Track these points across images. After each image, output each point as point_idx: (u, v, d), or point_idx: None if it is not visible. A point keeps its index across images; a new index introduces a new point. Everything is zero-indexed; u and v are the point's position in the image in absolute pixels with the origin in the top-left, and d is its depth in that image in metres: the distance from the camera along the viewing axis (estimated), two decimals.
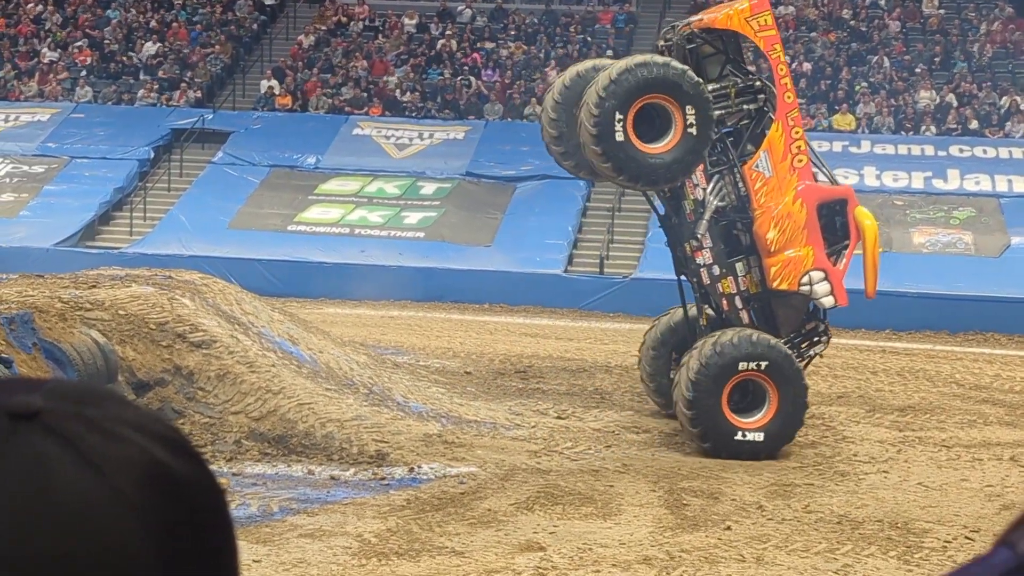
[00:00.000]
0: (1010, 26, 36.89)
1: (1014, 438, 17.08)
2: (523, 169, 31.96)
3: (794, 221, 16.09)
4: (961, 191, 30.54)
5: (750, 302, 16.45)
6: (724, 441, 15.41)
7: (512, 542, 12.05)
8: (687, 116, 15.50)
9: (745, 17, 16.43)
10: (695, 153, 15.72)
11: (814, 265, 16.11)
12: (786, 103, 16.53)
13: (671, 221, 17.01)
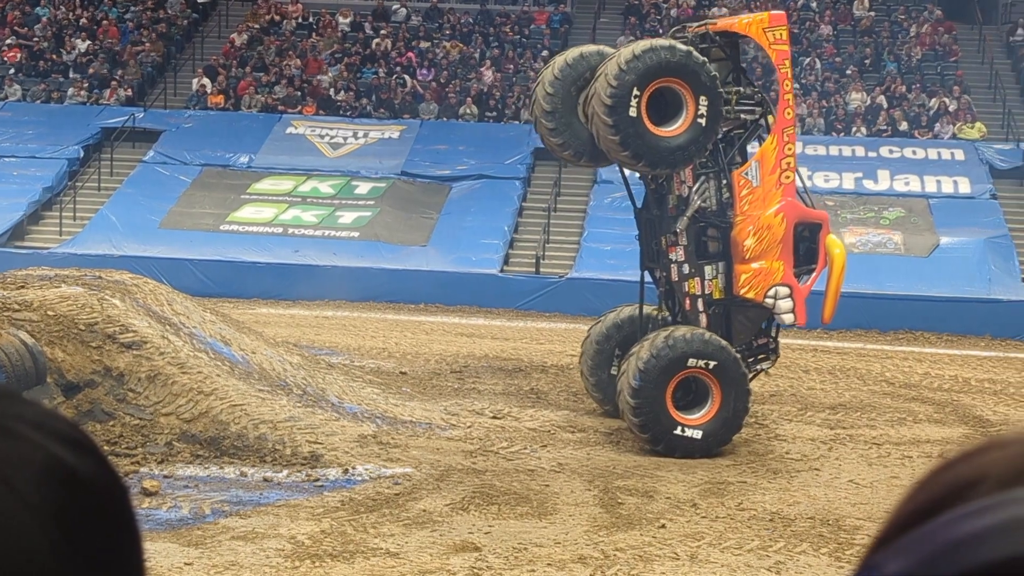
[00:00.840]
0: (939, 28, 37.34)
1: (943, 435, 17.28)
2: (459, 169, 31.94)
3: (772, 234, 16.43)
4: (891, 192, 30.86)
5: (711, 306, 16.69)
6: (663, 434, 15.52)
7: (447, 542, 12.03)
8: (700, 106, 15.73)
9: (763, 27, 16.85)
10: (700, 144, 15.95)
11: (782, 280, 16.44)
12: (785, 118, 16.90)
13: (651, 213, 17.17)
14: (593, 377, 17.82)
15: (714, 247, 16.82)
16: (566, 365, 21.28)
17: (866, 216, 29.80)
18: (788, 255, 16.51)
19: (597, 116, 15.70)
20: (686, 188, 16.72)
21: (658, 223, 17.01)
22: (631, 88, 15.50)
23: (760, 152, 16.81)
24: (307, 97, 35.36)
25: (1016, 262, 28.22)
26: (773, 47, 16.93)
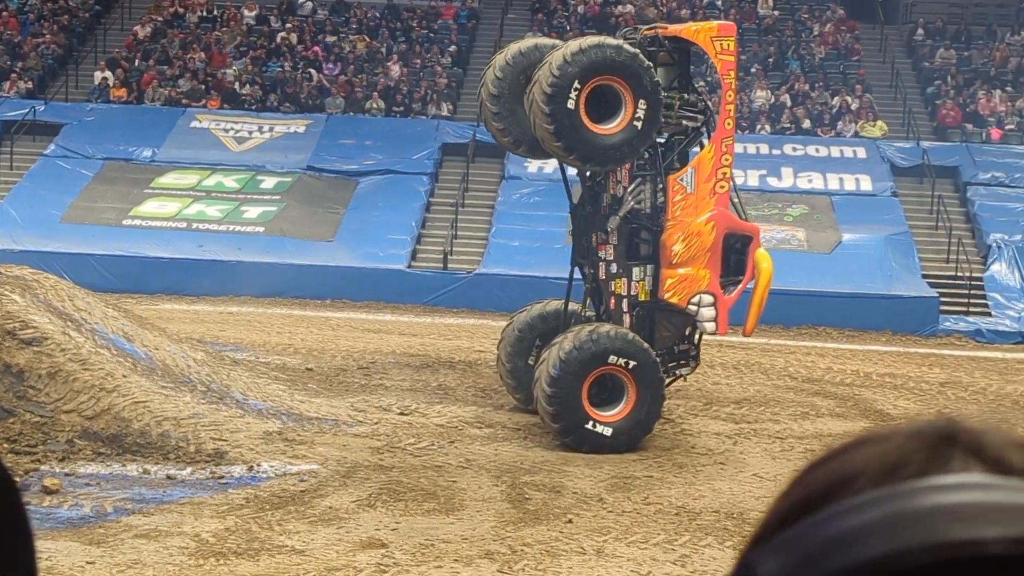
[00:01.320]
0: (841, 27, 37.85)
1: (844, 429, 17.52)
2: (365, 163, 31.78)
3: (702, 241, 16.52)
4: (794, 189, 31.22)
5: (635, 308, 16.76)
6: (574, 426, 15.56)
7: (353, 539, 11.96)
8: (638, 109, 15.74)
9: (711, 36, 16.96)
10: (633, 147, 15.99)
11: (707, 288, 16.53)
12: (725, 129, 16.94)
13: (585, 210, 17.24)
14: (510, 363, 17.80)
15: (645, 250, 16.92)
16: (474, 361, 21.28)
17: (770, 213, 30.12)
18: (715, 264, 16.60)
19: (536, 104, 15.68)
20: (621, 188, 16.77)
21: (591, 220, 17.08)
22: (572, 80, 15.51)
23: (697, 159, 16.88)
24: (212, 91, 34.99)
25: (916, 258, 28.69)
26: (719, 56, 16.98)
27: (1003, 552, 0.81)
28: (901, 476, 0.87)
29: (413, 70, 35.82)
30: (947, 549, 0.81)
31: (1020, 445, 0.90)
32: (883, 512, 0.84)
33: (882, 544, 0.82)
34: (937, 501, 0.83)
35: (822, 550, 0.84)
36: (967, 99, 34.84)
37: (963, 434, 0.91)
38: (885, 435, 0.93)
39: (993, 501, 0.83)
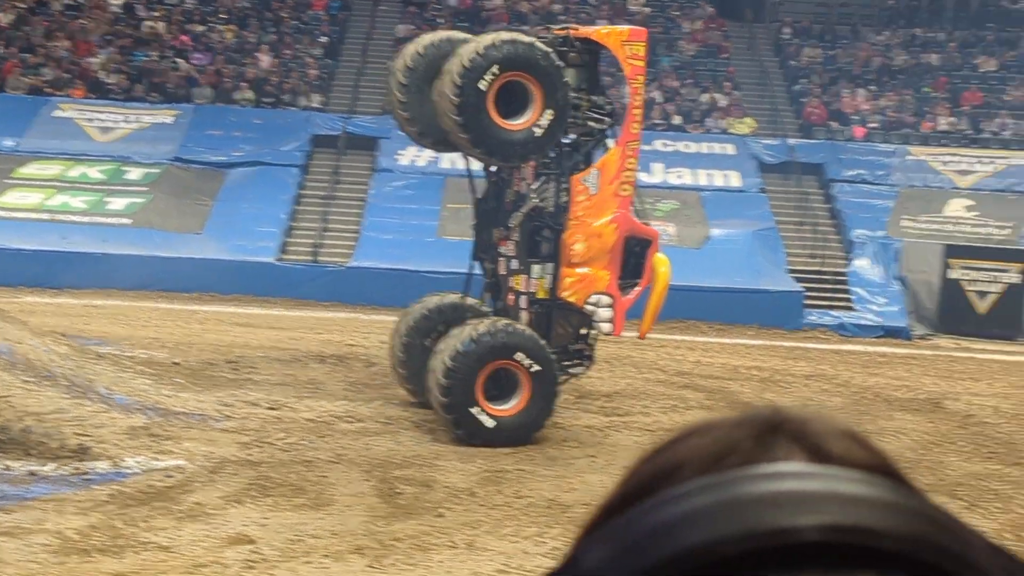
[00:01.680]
0: (711, 25, 38.32)
1: None
2: (234, 155, 31.38)
3: (602, 242, 16.62)
4: (665, 184, 31.52)
5: (533, 305, 16.82)
6: (467, 418, 15.57)
7: (221, 535, 11.78)
8: (545, 112, 15.75)
9: (622, 40, 16.96)
10: (538, 145, 15.95)
11: (605, 289, 16.66)
12: (631, 132, 16.92)
13: (488, 205, 17.32)
14: (403, 354, 17.67)
15: (546, 248, 16.90)
16: (345, 355, 21.13)
17: (640, 208, 30.26)
18: (615, 266, 16.72)
19: (445, 95, 15.59)
20: (525, 185, 16.86)
21: (494, 216, 17.10)
22: (483, 73, 15.47)
23: (602, 161, 16.89)
24: (76, 80, 34.24)
25: (783, 254, 29.18)
26: (629, 60, 16.97)
27: (818, 539, 0.81)
28: (725, 465, 0.88)
29: (283, 61, 35.45)
30: (762, 537, 0.81)
31: (842, 433, 0.92)
32: (703, 501, 0.84)
33: (701, 533, 0.82)
34: (756, 489, 0.84)
35: (643, 540, 0.84)
36: (832, 97, 35.52)
37: (788, 423, 0.92)
38: (714, 424, 0.93)
39: (810, 489, 0.84)
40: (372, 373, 19.86)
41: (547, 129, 15.83)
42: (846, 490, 0.84)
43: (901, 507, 0.84)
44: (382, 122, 32.89)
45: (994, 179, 31.21)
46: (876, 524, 0.82)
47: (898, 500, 0.85)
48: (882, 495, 0.85)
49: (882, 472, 0.89)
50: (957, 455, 16.51)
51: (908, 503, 0.85)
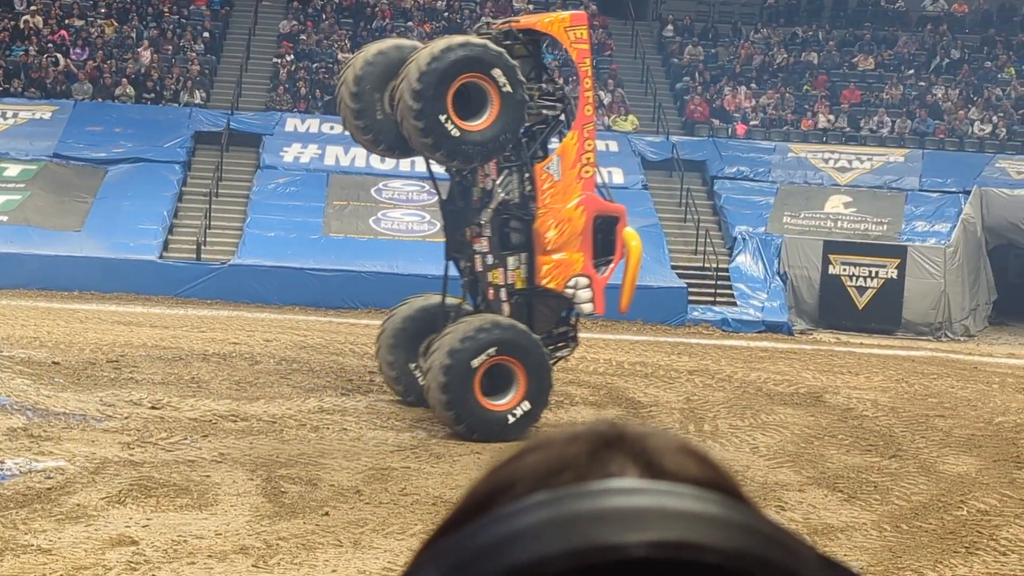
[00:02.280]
0: (594, 23, 38.52)
1: (596, 418, 17.84)
2: (115, 151, 30.85)
3: (573, 226, 17.00)
4: None
5: (513, 295, 17.16)
6: (467, 414, 15.93)
7: (103, 537, 11.60)
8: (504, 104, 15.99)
9: (564, 26, 17.44)
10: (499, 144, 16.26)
11: (581, 271, 17.05)
12: (585, 115, 17.45)
13: (456, 205, 17.55)
14: (391, 355, 17.94)
15: (516, 238, 17.22)
16: (228, 353, 20.91)
17: None
18: (587, 247, 17.07)
19: (403, 101, 15.75)
20: (490, 181, 17.06)
21: (463, 215, 17.33)
22: (440, 77, 15.70)
23: (561, 147, 17.26)
24: None
25: (666, 250, 29.46)
26: (574, 45, 17.45)
27: (644, 555, 0.82)
28: (558, 481, 0.88)
29: (164, 56, 34.95)
30: (589, 554, 0.82)
31: (679, 449, 0.93)
32: (531, 519, 0.84)
33: (527, 551, 0.82)
34: (584, 506, 0.84)
35: (472, 558, 0.84)
36: (714, 95, 35.95)
37: (624, 439, 0.92)
38: (552, 440, 0.94)
39: (637, 505, 0.84)
40: (256, 371, 19.68)
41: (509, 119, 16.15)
42: (673, 506, 0.85)
43: (729, 522, 0.85)
44: (265, 118, 32.61)
45: (872, 176, 31.82)
46: (702, 539, 0.83)
47: (727, 515, 0.85)
48: (710, 510, 0.85)
49: (716, 488, 0.89)
50: (837, 448, 16.82)
51: (737, 518, 0.85)
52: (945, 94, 35.94)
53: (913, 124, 34.84)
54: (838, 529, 13.14)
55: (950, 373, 23.42)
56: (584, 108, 17.50)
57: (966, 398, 20.94)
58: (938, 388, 21.79)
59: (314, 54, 35.59)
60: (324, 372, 19.94)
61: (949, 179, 31.24)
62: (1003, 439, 17.92)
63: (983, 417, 19.42)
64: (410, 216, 29.45)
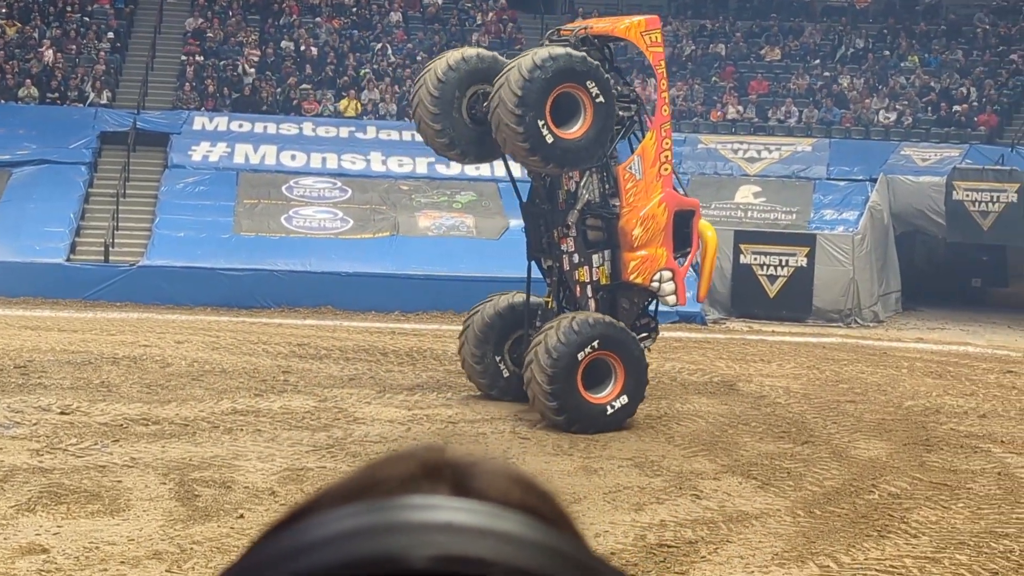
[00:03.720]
0: (504, 16, 38.56)
1: (514, 412, 17.87)
2: (19, 153, 30.31)
3: (656, 223, 17.77)
4: (463, 176, 31.53)
5: (599, 291, 17.87)
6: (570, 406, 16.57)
7: (12, 546, 11.40)
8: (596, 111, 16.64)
9: (641, 31, 18.16)
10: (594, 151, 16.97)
11: (665, 265, 17.87)
12: (663, 115, 18.24)
13: (539, 207, 18.25)
14: (479, 350, 18.59)
15: (597, 236, 17.93)
16: (139, 356, 20.65)
17: (439, 200, 30.42)
18: (669, 241, 17.85)
19: (503, 108, 16.22)
20: (573, 183, 17.73)
21: (549, 217, 18.02)
22: (541, 88, 16.23)
23: (641, 147, 17.95)
24: None
25: None
26: (650, 49, 18.21)
27: (425, 568, 0.82)
28: (366, 497, 0.89)
29: (68, 56, 34.41)
30: (369, 564, 0.82)
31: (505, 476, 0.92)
32: (324, 529, 0.85)
33: (311, 560, 0.84)
34: (376, 519, 0.85)
35: (262, 565, 0.86)
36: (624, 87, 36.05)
37: (449, 463, 0.92)
38: (378, 461, 0.94)
39: (427, 520, 0.85)
40: (168, 374, 19.46)
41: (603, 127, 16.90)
42: (463, 521, 0.85)
43: (524, 541, 0.85)
44: (173, 117, 32.24)
45: (780, 165, 32.12)
46: (487, 555, 0.83)
47: (523, 534, 0.85)
48: (504, 527, 0.85)
49: (536, 514, 0.89)
50: (751, 436, 16.97)
51: (536, 538, 0.85)
52: (850, 83, 36.38)
53: (820, 113, 35.22)
54: (753, 516, 13.25)
55: (860, 359, 23.73)
56: (662, 108, 18.31)
57: (876, 383, 21.22)
58: (849, 374, 22.06)
59: (221, 51, 35.24)
60: (237, 373, 19.75)
61: (856, 167, 31.61)
62: (912, 423, 18.19)
63: (893, 402, 19.70)
64: (322, 213, 29.27)
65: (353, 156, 31.65)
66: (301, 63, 35.14)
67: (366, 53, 36.06)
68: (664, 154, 18.03)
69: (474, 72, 17.40)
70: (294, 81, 34.27)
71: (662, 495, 13.93)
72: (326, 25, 36.54)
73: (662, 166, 18.02)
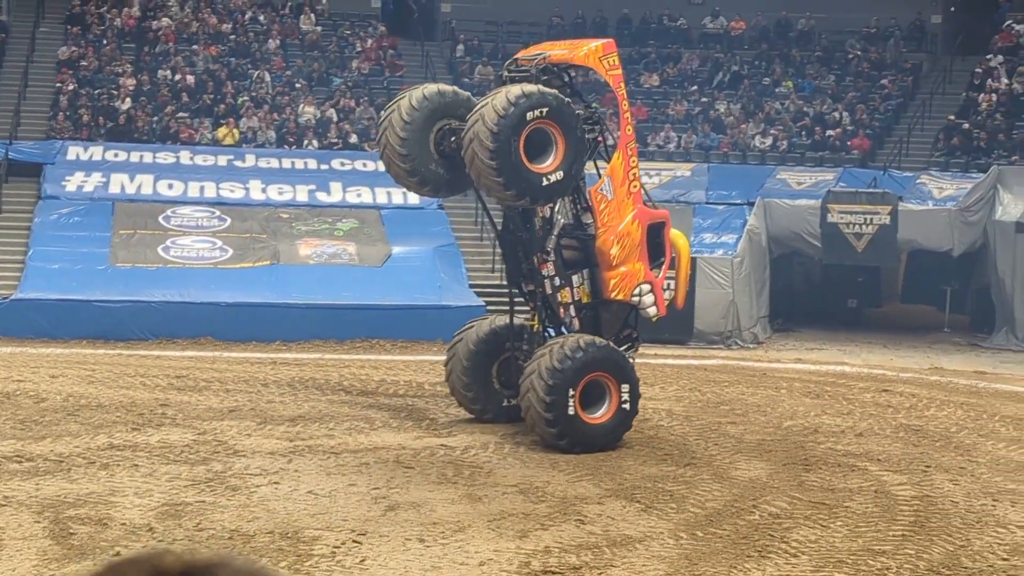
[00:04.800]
0: (384, 44, 38.50)
1: (398, 441, 17.75)
2: None
3: (632, 239, 18.33)
4: (344, 203, 31.46)
5: (581, 310, 18.45)
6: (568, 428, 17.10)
7: None
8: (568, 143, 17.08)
9: (599, 56, 18.49)
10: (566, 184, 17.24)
11: (644, 279, 18.44)
12: (627, 135, 18.62)
13: (515, 235, 18.69)
14: (471, 391, 19.08)
15: (574, 256, 18.50)
16: (12, 392, 20.16)
17: (320, 228, 30.23)
18: (644, 255, 18.44)
19: (478, 144, 16.50)
20: (548, 209, 18.19)
21: (528, 244, 18.49)
22: (514, 126, 16.53)
23: (610, 168, 18.36)
24: None
25: (463, 269, 29.53)
26: (609, 73, 18.50)
27: None
28: None
29: None
30: None
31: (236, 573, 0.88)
32: None
33: None
34: None
35: None
36: None
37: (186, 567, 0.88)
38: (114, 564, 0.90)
39: None
40: (42, 409, 19.01)
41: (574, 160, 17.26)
42: None
43: None
44: (46, 147, 31.67)
45: (660, 190, 32.35)
46: None
47: None
48: None
49: None
50: (634, 459, 17.04)
51: None
52: (727, 109, 36.91)
53: (698, 139, 35.69)
54: (636, 540, 13.29)
55: (741, 380, 24.00)
56: (625, 128, 18.63)
57: (756, 404, 21.47)
58: (730, 395, 22.30)
59: (96, 80, 34.69)
60: (114, 407, 19.37)
61: (734, 191, 32.05)
62: (792, 443, 18.42)
63: (772, 422, 19.94)
64: (201, 243, 28.90)
65: (232, 184, 31.33)
66: (178, 91, 34.72)
67: (244, 81, 35.75)
68: (632, 172, 18.53)
69: (437, 108, 17.90)
70: (171, 110, 33.85)
71: (546, 521, 13.91)
72: (203, 53, 36.16)
73: (631, 183, 18.48)
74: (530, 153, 16.98)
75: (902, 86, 37.98)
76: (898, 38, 39.65)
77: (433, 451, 17.21)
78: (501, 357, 19.12)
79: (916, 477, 16.54)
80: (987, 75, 36.62)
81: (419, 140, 17.79)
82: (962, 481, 16.41)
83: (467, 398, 19.25)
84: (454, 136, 17.57)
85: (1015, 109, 35.16)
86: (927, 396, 22.83)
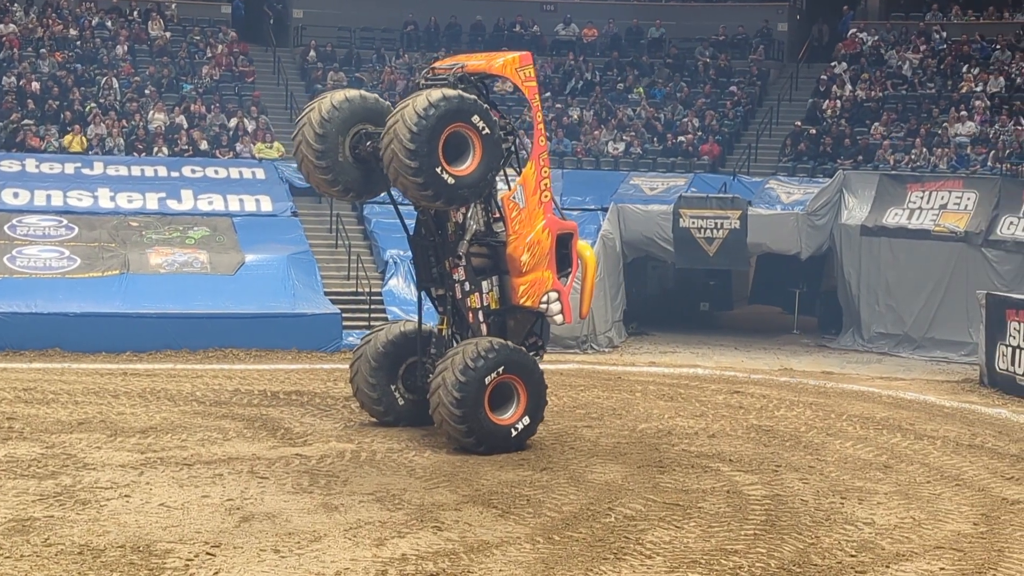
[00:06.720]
0: (234, 49, 38.07)
1: (252, 451, 17.56)
2: None
3: (542, 247, 18.68)
4: (195, 211, 31.03)
5: (489, 316, 18.77)
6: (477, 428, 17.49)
7: None
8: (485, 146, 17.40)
9: (515, 67, 18.87)
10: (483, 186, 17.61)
11: (552, 287, 18.80)
12: (540, 145, 18.91)
13: (427, 239, 18.87)
14: (375, 392, 19.31)
15: (483, 263, 18.76)
16: None
17: (171, 236, 29.77)
18: (553, 264, 18.81)
19: (399, 161, 16.71)
20: (461, 215, 18.41)
21: (440, 248, 18.68)
22: (430, 134, 16.75)
23: (523, 177, 18.58)
24: None
25: (318, 276, 29.32)
26: (525, 84, 18.81)
27: None
28: None
29: None
30: None
31: None
32: None
33: None
34: None
35: None
36: None
37: None
38: None
39: None
40: None
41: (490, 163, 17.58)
42: None
43: None
44: None
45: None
46: None
47: None
48: None
49: None
50: (491, 465, 17.09)
51: None
52: (581, 115, 37.24)
53: (552, 145, 35.93)
54: (493, 545, 13.33)
55: (596, 384, 24.23)
56: (539, 139, 18.88)
57: (611, 407, 21.70)
58: (585, 399, 22.49)
59: None
60: None
61: (588, 197, 32.37)
62: (646, 445, 18.65)
63: (627, 425, 20.17)
64: (48, 252, 28.27)
65: (80, 192, 30.71)
66: (23, 98, 33.90)
67: (91, 87, 35.04)
68: (544, 181, 18.79)
69: (356, 112, 18.12)
70: (16, 117, 33.03)
71: (403, 528, 13.88)
72: (49, 59, 35.36)
73: (542, 193, 18.75)
74: (448, 156, 17.23)
75: (750, 92, 38.71)
76: (755, 45, 40.38)
77: (288, 461, 17.06)
78: (408, 360, 19.40)
79: (767, 477, 16.87)
80: (832, 82, 37.52)
81: (335, 143, 18.02)
82: (811, 480, 16.78)
83: (371, 399, 19.46)
84: (370, 140, 17.92)
85: (859, 115, 36.07)
86: (777, 397, 23.31)
